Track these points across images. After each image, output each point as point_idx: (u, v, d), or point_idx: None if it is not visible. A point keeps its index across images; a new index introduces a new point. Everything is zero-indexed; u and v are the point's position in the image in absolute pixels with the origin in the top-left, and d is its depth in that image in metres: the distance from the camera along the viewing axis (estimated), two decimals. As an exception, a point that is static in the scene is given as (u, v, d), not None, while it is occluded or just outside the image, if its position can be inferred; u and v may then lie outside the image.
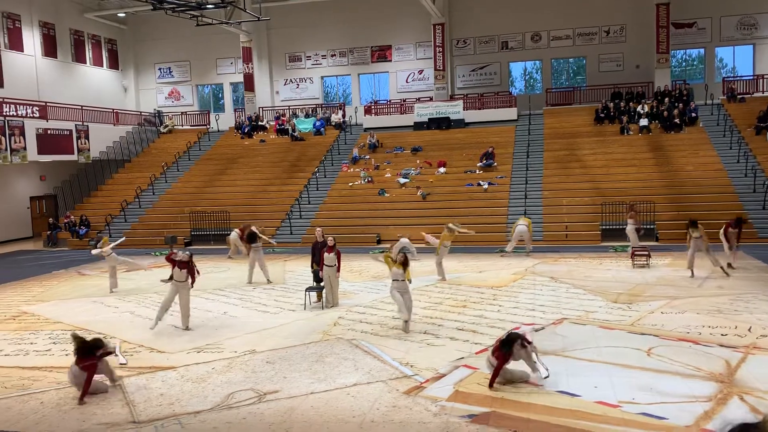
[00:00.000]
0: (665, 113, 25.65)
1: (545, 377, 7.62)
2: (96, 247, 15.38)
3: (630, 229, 16.73)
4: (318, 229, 13.72)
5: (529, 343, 7.70)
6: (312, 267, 13.03)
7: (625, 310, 11.21)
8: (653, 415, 6.67)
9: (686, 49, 29.72)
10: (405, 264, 10.46)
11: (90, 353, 7.84)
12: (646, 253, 15.61)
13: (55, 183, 29.23)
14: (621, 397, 7.19)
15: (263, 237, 15.92)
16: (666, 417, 6.62)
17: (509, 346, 7.55)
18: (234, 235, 19.09)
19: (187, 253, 11.29)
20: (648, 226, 18.46)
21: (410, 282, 10.67)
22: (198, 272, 11.41)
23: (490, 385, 7.58)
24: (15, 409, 7.60)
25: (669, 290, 12.71)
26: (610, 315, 10.94)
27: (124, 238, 17.91)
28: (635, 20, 29.11)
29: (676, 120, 25.26)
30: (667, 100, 26.71)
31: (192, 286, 11.21)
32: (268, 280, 15.03)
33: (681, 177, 22.02)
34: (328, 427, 6.74)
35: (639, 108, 26.71)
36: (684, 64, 30.28)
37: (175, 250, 11.39)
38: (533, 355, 7.71)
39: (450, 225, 15.16)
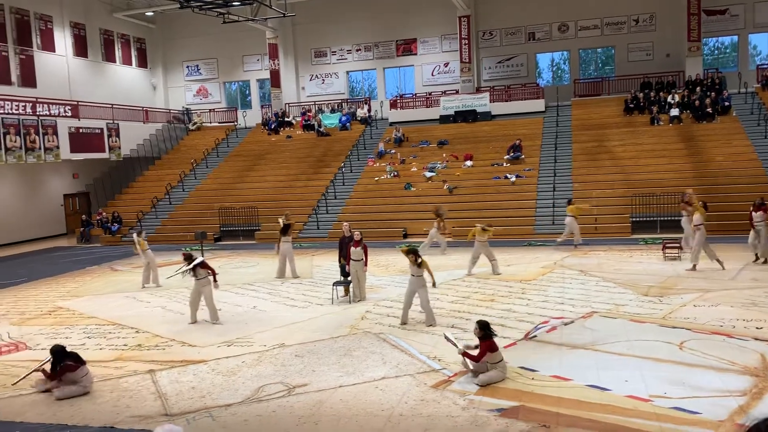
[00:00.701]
0: (697, 103, 25.13)
1: None
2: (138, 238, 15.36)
3: (685, 220, 16.12)
4: (345, 223, 13.77)
5: None
6: (339, 261, 13.09)
7: (657, 303, 11.04)
8: (686, 410, 6.57)
9: (718, 37, 29.03)
10: (415, 258, 10.30)
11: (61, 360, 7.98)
12: (678, 245, 15.35)
13: (88, 180, 29.80)
14: (652, 391, 7.09)
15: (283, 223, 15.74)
16: (699, 411, 6.51)
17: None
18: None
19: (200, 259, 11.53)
20: (679, 218, 18.10)
21: (433, 281, 10.56)
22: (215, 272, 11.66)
23: None
24: (52, 403, 7.78)
25: (701, 283, 12.48)
26: (641, 308, 10.78)
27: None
28: (665, 8, 28.53)
29: (708, 109, 24.72)
30: (698, 89, 26.16)
31: (216, 285, 11.41)
32: (294, 275, 15.12)
33: (713, 168, 21.58)
34: (356, 421, 6.77)
35: (669, 98, 26.19)
36: (716, 52, 29.59)
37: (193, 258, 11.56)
38: None
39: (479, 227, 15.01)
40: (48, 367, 8.09)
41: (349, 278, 12.50)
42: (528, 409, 6.81)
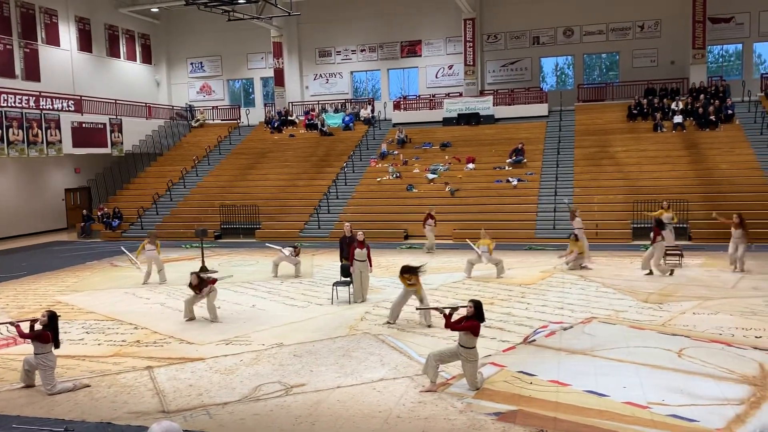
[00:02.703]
0: (700, 110, 25.11)
1: None
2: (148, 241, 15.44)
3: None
4: (346, 224, 13.80)
5: None
6: (341, 261, 13.09)
7: (656, 310, 11.03)
8: (683, 417, 6.56)
9: (723, 45, 29.02)
10: (408, 279, 10.39)
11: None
12: (679, 252, 15.33)
13: (89, 175, 29.82)
14: (650, 398, 7.08)
15: None
16: (697, 419, 6.50)
17: None
18: None
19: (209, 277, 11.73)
20: (681, 225, 18.12)
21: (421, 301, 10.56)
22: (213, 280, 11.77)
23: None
24: (49, 397, 7.78)
25: (701, 291, 12.47)
26: (641, 315, 10.77)
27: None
28: (670, 15, 28.52)
29: (712, 117, 24.71)
30: (702, 96, 26.14)
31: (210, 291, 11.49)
32: (297, 274, 15.19)
33: (716, 175, 21.56)
34: (353, 422, 6.77)
35: (673, 105, 26.18)
36: (721, 59, 29.58)
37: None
38: None
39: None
40: (26, 325, 8.11)
41: (350, 278, 12.51)
42: (525, 414, 6.80)
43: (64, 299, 13.50)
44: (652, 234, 14.54)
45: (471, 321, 7.56)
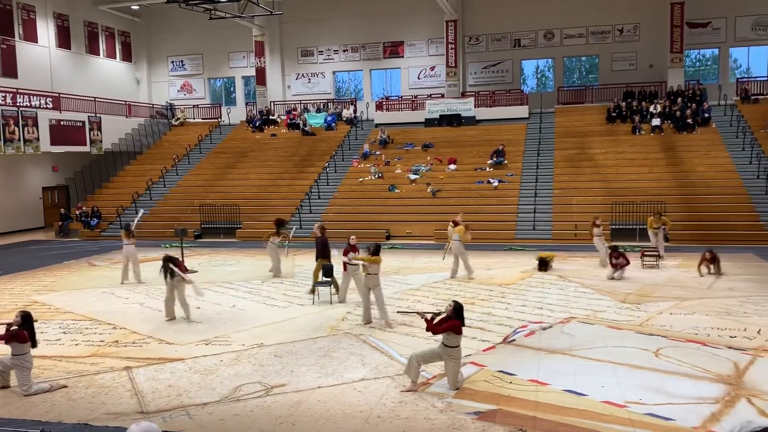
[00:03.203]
0: (678, 113, 25.48)
1: None
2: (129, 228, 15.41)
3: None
4: (316, 225, 13.89)
5: None
6: (316, 261, 13.05)
7: (634, 311, 11.18)
8: (660, 416, 6.66)
9: (700, 49, 29.46)
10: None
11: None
12: (656, 253, 15.55)
13: (68, 174, 29.44)
14: (628, 397, 7.17)
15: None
16: (673, 418, 6.60)
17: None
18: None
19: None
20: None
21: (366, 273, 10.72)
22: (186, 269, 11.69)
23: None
24: (25, 398, 7.68)
25: (678, 291, 12.65)
26: (619, 315, 10.90)
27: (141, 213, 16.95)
28: (649, 19, 28.89)
29: (689, 120, 25.07)
30: (679, 100, 26.52)
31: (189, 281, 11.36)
32: (275, 274, 15.12)
33: (692, 178, 21.88)
34: (334, 422, 6.77)
35: (651, 108, 26.52)
36: (698, 64, 30.02)
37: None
38: None
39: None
40: (2, 329, 7.98)
41: (329, 279, 12.52)
42: (505, 413, 6.86)
43: (41, 299, 13.32)
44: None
45: (451, 321, 7.60)
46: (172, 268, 11.01)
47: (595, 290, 12.89)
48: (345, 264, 11.92)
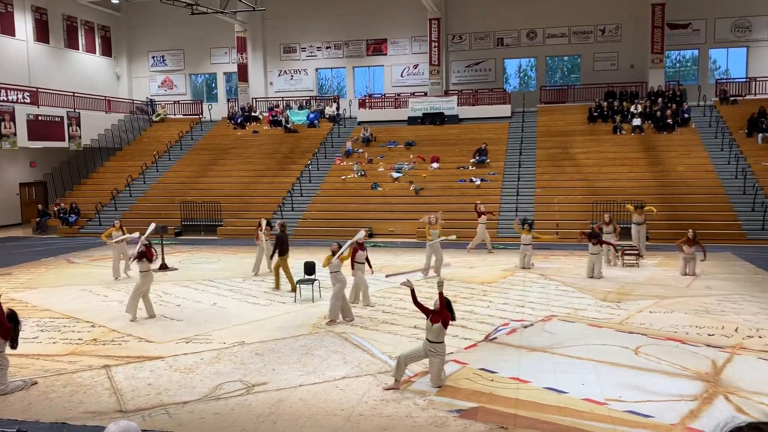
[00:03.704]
0: (658, 113, 25.75)
1: None
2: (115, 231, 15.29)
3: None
4: (277, 222, 13.97)
5: None
6: (270, 258, 13.11)
7: (614, 309, 11.27)
8: (639, 413, 6.72)
9: (680, 50, 29.81)
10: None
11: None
12: (636, 252, 15.69)
13: (46, 170, 29.02)
14: (608, 394, 7.23)
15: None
16: (652, 415, 6.66)
17: None
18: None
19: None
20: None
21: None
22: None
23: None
24: (1, 397, 7.55)
25: (658, 290, 12.78)
26: (599, 313, 10.99)
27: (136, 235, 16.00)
28: (631, 20, 29.16)
29: (669, 120, 25.35)
30: (660, 100, 26.80)
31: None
32: (256, 273, 15.06)
33: (672, 177, 22.13)
34: (315, 420, 6.74)
35: (632, 108, 26.78)
36: (678, 65, 30.37)
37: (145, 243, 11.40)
38: None
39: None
40: None
41: (313, 276, 12.48)
42: (487, 411, 6.88)
43: (18, 296, 13.10)
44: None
45: (446, 313, 7.61)
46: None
47: (576, 288, 12.98)
48: (353, 263, 11.67)
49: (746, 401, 6.99)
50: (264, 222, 15.54)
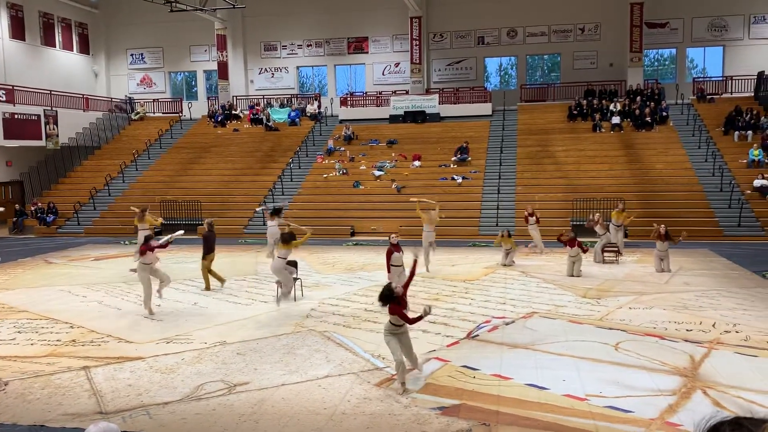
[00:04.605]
0: (637, 112, 26.03)
1: None
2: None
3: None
4: (207, 220, 14.28)
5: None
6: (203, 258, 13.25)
7: (594, 305, 11.37)
8: (619, 408, 6.79)
9: (659, 49, 30.17)
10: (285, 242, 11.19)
11: None
12: (616, 249, 15.86)
13: (22, 169, 28.55)
14: (588, 390, 7.30)
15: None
16: (632, 410, 6.74)
17: None
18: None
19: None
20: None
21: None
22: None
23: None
24: (-23, 399, 7.43)
25: (637, 286, 12.93)
26: (580, 310, 11.09)
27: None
28: (610, 19, 29.44)
29: (648, 119, 25.64)
30: (639, 98, 27.09)
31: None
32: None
33: (651, 175, 22.39)
34: (298, 419, 6.72)
35: (611, 106, 27.04)
36: (656, 63, 30.73)
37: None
38: None
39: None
40: None
41: (294, 275, 12.42)
42: (469, 408, 6.91)
43: (-6, 298, 12.90)
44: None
45: (397, 306, 7.45)
46: None
47: (557, 285, 13.08)
48: (389, 266, 11.41)
49: (723, 395, 7.09)
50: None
